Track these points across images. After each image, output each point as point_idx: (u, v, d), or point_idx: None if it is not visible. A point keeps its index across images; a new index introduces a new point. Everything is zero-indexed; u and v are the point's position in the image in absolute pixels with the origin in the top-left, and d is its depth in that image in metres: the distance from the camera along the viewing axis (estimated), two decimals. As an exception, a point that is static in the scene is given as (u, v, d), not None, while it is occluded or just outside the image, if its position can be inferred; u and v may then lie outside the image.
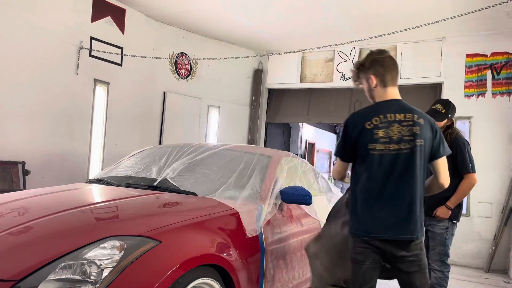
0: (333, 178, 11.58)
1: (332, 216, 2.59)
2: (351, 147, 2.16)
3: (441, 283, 3.15)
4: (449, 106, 3.28)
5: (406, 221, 2.05)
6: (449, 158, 2.60)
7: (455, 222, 3.23)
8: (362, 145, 2.10)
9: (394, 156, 2.06)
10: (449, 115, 3.26)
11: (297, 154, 7.61)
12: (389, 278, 2.27)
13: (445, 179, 2.20)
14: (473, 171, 3.12)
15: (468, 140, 3.35)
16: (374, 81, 2.20)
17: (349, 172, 2.33)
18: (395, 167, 2.06)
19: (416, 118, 2.11)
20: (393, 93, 2.20)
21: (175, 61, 6.85)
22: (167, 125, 6.70)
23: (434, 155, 2.16)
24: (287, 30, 6.63)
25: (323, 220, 3.42)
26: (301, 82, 7.71)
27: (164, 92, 6.69)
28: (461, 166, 3.11)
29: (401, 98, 2.21)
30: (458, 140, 3.18)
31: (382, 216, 2.06)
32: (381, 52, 2.25)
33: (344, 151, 2.21)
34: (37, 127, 4.98)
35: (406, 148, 2.07)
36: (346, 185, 12.31)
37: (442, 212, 3.14)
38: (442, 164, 2.19)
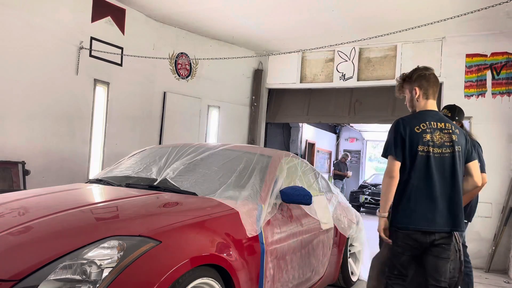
0: (333, 179, 11.60)
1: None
2: (402, 147, 2.43)
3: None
4: (454, 110, 3.48)
5: (453, 216, 2.38)
6: None
7: (466, 221, 3.34)
8: (411, 146, 2.41)
9: (439, 158, 2.40)
10: (456, 118, 3.45)
11: (297, 154, 7.62)
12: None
13: (478, 178, 2.56)
14: (483, 171, 3.22)
15: (478, 142, 3.45)
16: (418, 92, 2.56)
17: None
18: (440, 168, 2.40)
19: (454, 128, 2.49)
20: (432, 105, 2.57)
21: (175, 61, 6.85)
22: (167, 125, 6.70)
23: (468, 159, 2.52)
24: (287, 30, 6.64)
25: (323, 220, 3.43)
26: (301, 82, 7.71)
27: (164, 92, 6.69)
28: None
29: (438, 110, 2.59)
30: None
31: (428, 211, 2.36)
32: (427, 68, 2.63)
33: (396, 149, 2.45)
34: (37, 127, 4.98)
35: (447, 152, 2.42)
36: (346, 185, 12.32)
37: None
38: (474, 166, 2.56)
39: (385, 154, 2.51)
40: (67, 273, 1.64)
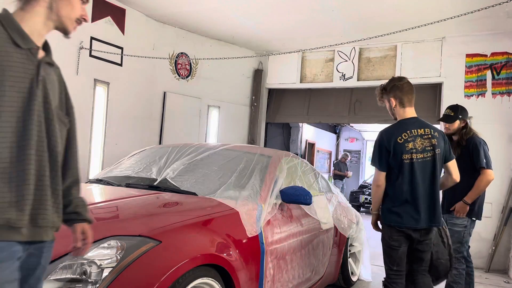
0: (333, 179, 11.60)
1: None
2: (386, 158, 2.68)
3: (456, 280, 3.29)
4: (457, 109, 3.53)
5: (433, 213, 2.65)
6: (467, 157, 3.26)
7: (474, 219, 3.38)
8: (396, 155, 2.64)
9: (421, 163, 2.64)
10: (459, 117, 3.49)
11: (297, 154, 7.62)
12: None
13: (456, 175, 2.81)
14: (489, 167, 3.26)
15: (484, 140, 3.46)
16: (394, 102, 2.80)
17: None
18: (423, 171, 2.64)
19: (432, 132, 2.69)
20: (411, 112, 2.78)
21: (175, 61, 6.84)
22: (167, 125, 6.70)
23: (446, 159, 2.75)
24: (287, 30, 6.64)
25: (323, 220, 3.43)
26: (301, 82, 7.71)
27: (164, 92, 6.69)
28: (477, 162, 3.27)
29: (417, 116, 2.79)
30: (474, 139, 3.38)
31: (414, 210, 2.62)
32: (401, 79, 2.86)
33: (380, 162, 2.71)
34: (37, 127, 4.97)
35: (428, 156, 2.65)
36: (346, 185, 12.32)
37: (459, 206, 3.29)
38: (453, 165, 2.80)
39: (372, 164, 2.81)
40: (67, 273, 1.64)
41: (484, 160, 3.26)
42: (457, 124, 3.47)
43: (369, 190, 11.99)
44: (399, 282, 2.68)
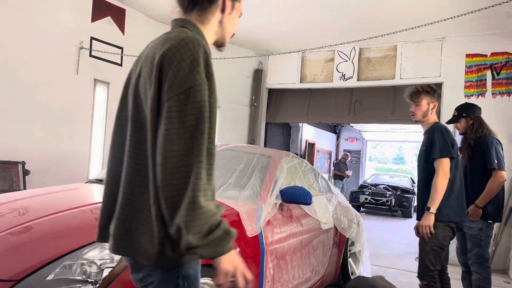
0: (333, 179, 11.58)
1: None
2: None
3: (480, 284, 3.17)
4: (459, 108, 3.51)
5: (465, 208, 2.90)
6: (479, 157, 3.23)
7: (490, 222, 3.23)
8: (455, 150, 2.75)
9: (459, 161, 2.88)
10: (463, 115, 3.41)
11: (297, 154, 7.62)
12: None
13: None
14: (500, 168, 3.16)
15: (498, 139, 3.35)
16: (435, 107, 2.90)
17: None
18: (460, 168, 2.86)
19: None
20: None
21: (175, 61, 6.84)
22: (167, 125, 6.68)
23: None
24: (287, 30, 6.63)
25: (323, 220, 3.42)
26: (301, 82, 7.71)
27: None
28: (488, 162, 3.18)
29: None
30: (486, 138, 3.27)
31: (463, 206, 2.82)
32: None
33: (452, 151, 2.73)
34: (37, 127, 4.97)
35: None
36: (346, 185, 12.32)
37: (472, 210, 3.20)
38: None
39: (440, 155, 2.69)
40: (67, 273, 1.64)
41: (496, 161, 3.15)
42: (463, 122, 3.39)
43: (369, 190, 11.98)
44: (438, 281, 2.75)
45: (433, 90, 2.92)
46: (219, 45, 1.42)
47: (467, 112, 3.41)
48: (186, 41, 1.14)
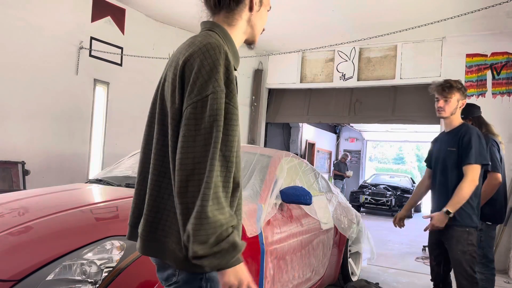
0: (333, 179, 11.59)
1: None
2: None
3: (483, 285, 3.16)
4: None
5: None
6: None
7: (489, 223, 3.22)
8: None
9: None
10: (462, 116, 3.26)
11: (297, 154, 7.62)
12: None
13: None
14: (494, 169, 3.09)
15: (497, 140, 3.30)
16: (463, 106, 2.78)
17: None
18: None
19: None
20: None
21: (175, 61, 6.84)
22: (167, 125, 6.69)
23: None
24: (287, 30, 6.63)
25: (323, 220, 3.42)
26: (301, 82, 7.71)
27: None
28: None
29: None
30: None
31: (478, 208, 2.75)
32: None
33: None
34: (37, 127, 4.98)
35: None
36: (346, 185, 12.31)
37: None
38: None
39: (476, 161, 2.60)
40: (67, 273, 1.64)
41: (490, 163, 3.06)
42: None
43: (369, 190, 11.97)
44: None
45: (464, 88, 2.80)
46: (250, 43, 1.42)
47: (465, 113, 3.29)
48: (207, 48, 1.14)
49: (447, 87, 2.72)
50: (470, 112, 3.36)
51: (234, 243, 1.08)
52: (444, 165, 2.75)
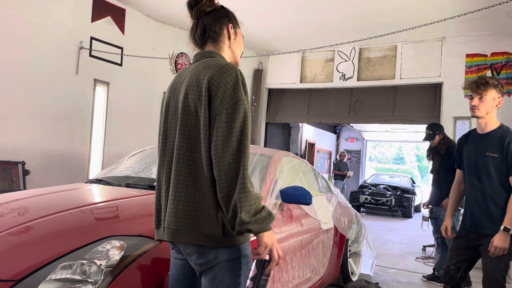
0: (333, 179, 11.59)
1: None
2: None
3: (441, 266, 3.59)
4: (433, 127, 4.49)
5: None
6: (449, 159, 3.32)
7: (460, 208, 3.47)
8: None
9: None
10: (437, 132, 4.41)
11: (297, 154, 7.62)
12: None
13: None
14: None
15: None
16: (500, 104, 2.61)
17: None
18: None
19: None
20: None
21: (175, 61, 6.85)
22: (167, 125, 6.69)
23: None
24: (287, 30, 6.64)
25: (323, 220, 3.42)
26: (301, 82, 7.71)
27: (164, 92, 6.68)
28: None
29: None
30: (453, 146, 3.89)
31: None
32: None
33: None
34: (37, 127, 4.98)
35: None
36: (346, 185, 12.31)
37: (446, 202, 3.74)
38: None
39: None
40: (67, 273, 1.64)
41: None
42: (437, 138, 4.40)
43: (369, 190, 11.97)
44: None
45: (501, 85, 2.58)
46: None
47: (439, 130, 4.42)
48: (226, 68, 1.46)
49: (482, 83, 2.53)
50: (442, 128, 4.44)
51: (270, 212, 1.41)
52: (482, 171, 2.53)
